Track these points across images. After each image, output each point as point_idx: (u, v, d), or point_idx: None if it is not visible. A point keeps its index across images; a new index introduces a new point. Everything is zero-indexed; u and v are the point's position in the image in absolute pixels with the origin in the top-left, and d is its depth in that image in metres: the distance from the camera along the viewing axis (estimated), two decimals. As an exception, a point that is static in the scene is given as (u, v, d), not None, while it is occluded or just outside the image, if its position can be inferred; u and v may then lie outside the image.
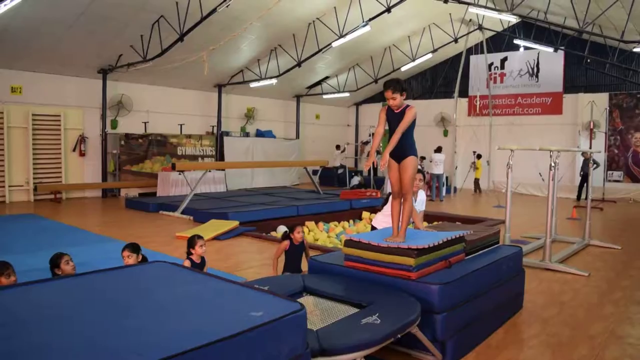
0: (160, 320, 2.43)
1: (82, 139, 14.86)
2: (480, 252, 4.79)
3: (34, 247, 7.45)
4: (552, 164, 6.96)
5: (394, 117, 4.15)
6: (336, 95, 20.43)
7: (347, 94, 20.50)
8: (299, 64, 16.21)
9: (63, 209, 12.64)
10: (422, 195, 5.54)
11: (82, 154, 14.92)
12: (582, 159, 16.16)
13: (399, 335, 3.20)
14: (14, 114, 13.54)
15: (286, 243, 5.73)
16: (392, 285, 3.86)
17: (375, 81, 19.81)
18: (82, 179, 15.01)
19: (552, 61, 18.24)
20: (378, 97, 23.01)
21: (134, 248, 4.72)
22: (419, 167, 5.59)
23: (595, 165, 15.15)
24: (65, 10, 11.40)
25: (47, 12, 11.28)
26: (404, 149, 4.14)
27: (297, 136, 21.27)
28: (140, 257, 4.75)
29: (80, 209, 12.78)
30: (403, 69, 19.24)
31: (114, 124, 15.52)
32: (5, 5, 9.34)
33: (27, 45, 12.45)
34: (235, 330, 2.22)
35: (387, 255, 3.92)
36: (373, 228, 5.56)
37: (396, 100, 4.09)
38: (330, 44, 15.06)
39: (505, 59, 19.41)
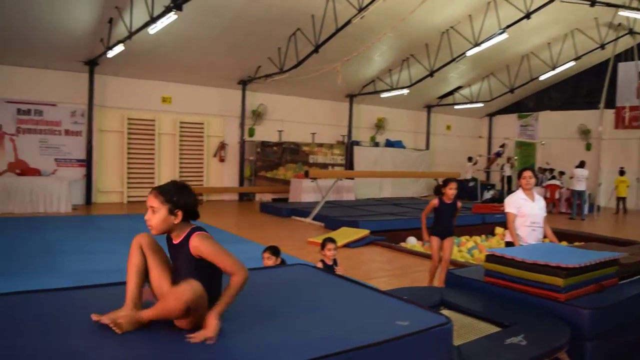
0: (304, 321, 2.48)
1: (222, 146, 15.86)
2: (636, 277, 4.37)
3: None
4: None
5: None
6: (469, 105, 19.89)
7: (480, 105, 19.84)
8: (431, 74, 15.99)
9: (203, 210, 13.33)
10: (541, 200, 5.15)
11: (222, 160, 15.92)
12: None
13: (546, 360, 3.00)
14: (164, 121, 14.84)
15: (436, 201, 5.51)
16: (537, 305, 3.62)
17: (512, 91, 18.98)
18: (221, 183, 16.01)
19: None
20: (513, 108, 22.00)
21: (274, 251, 4.89)
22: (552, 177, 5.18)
23: None
24: (211, 26, 12.29)
25: (196, 28, 12.22)
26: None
27: (427, 147, 20.98)
28: (279, 260, 4.91)
29: (219, 210, 13.63)
30: (542, 77, 18.23)
31: (251, 132, 16.39)
32: (161, 22, 10.32)
33: (177, 59, 13.58)
34: (381, 337, 2.21)
35: (533, 273, 3.70)
36: (507, 244, 5.27)
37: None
38: (464, 52, 14.72)
39: (660, 66, 17.63)
